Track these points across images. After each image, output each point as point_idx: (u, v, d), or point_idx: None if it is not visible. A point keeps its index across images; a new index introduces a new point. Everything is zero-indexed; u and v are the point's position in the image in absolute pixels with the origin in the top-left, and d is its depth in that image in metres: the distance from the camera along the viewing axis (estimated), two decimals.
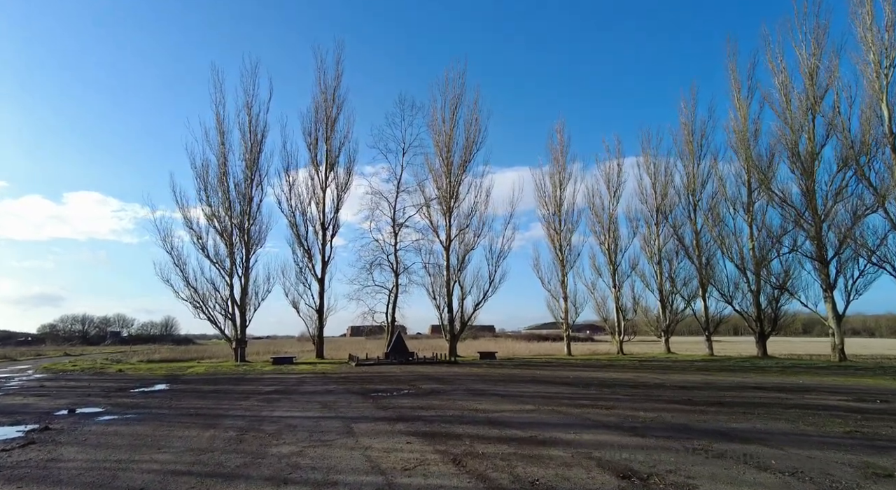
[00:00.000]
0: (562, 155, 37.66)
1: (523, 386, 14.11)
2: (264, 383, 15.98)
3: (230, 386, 15.32)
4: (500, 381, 15.76)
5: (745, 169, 31.17)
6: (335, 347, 48.00)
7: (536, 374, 18.72)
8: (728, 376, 17.42)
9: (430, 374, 18.44)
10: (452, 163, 33.46)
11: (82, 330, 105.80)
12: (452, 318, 32.64)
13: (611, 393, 12.31)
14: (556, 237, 36.78)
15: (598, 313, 38.70)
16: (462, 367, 22.54)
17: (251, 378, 18.17)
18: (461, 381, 15.47)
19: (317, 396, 12.15)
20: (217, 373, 21.05)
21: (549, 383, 14.89)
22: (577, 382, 15.13)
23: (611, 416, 8.70)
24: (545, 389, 13.11)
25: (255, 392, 13.41)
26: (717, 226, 32.20)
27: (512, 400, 10.89)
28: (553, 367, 23.05)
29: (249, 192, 30.45)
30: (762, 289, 30.66)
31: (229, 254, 29.15)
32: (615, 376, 17.47)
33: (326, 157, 31.76)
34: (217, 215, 28.93)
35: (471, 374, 18.76)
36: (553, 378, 16.77)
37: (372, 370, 21.28)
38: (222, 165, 29.75)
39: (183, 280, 28.08)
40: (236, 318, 29.31)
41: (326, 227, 31.50)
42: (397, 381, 15.75)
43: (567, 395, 11.75)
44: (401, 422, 8.26)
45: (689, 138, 35.97)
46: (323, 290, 31.24)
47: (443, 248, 33.24)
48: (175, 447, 6.55)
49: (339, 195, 31.71)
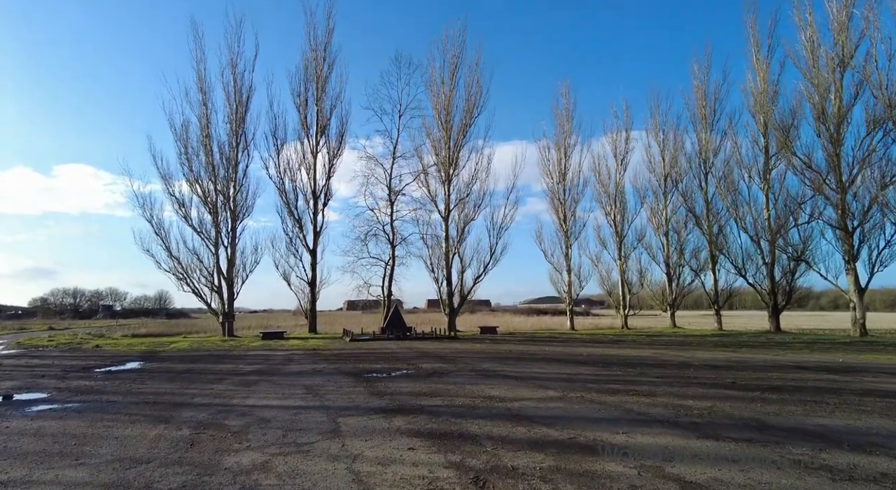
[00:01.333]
0: (567, 120, 35.63)
1: (536, 365, 12.59)
2: (247, 361, 14.42)
3: (208, 364, 13.75)
4: (508, 359, 14.24)
5: (763, 133, 29.35)
6: (330, 321, 46.61)
7: (546, 350, 17.24)
8: (755, 353, 15.98)
9: (430, 351, 16.93)
10: (452, 127, 31.43)
11: (74, 303, 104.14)
12: (452, 291, 31.13)
13: (638, 374, 10.79)
14: (560, 207, 35.02)
15: (603, 287, 37.32)
16: (463, 343, 21.07)
17: (234, 355, 16.62)
18: (466, 360, 13.95)
19: (302, 378, 10.57)
20: (200, 349, 19.51)
21: (564, 362, 13.38)
22: (594, 361, 13.63)
23: (655, 405, 7.14)
24: (563, 370, 11.57)
25: (234, 372, 11.84)
26: (731, 194, 30.49)
27: (529, 384, 9.33)
28: (560, 342, 21.62)
29: (235, 156, 28.43)
30: (777, 260, 29.21)
31: (214, 223, 27.32)
32: (632, 353, 16.01)
33: (317, 120, 29.66)
34: (200, 181, 26.97)
35: (474, 350, 17.27)
36: (566, 356, 15.28)
37: (367, 346, 19.79)
38: (205, 127, 27.64)
39: (165, 250, 26.32)
40: (223, 290, 27.68)
41: (318, 196, 29.61)
42: (394, 360, 14.21)
43: (590, 378, 10.20)
44: (400, 415, 6.67)
45: (702, 102, 33.95)
46: (315, 262, 29.55)
47: (441, 218, 31.52)
48: (100, 456, 4.93)
49: (331, 161, 29.72)
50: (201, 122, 27.62)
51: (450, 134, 31.27)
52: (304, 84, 29.44)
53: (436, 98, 31.88)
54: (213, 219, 27.31)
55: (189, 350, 19.09)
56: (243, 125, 28.71)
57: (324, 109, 29.68)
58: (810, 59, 25.29)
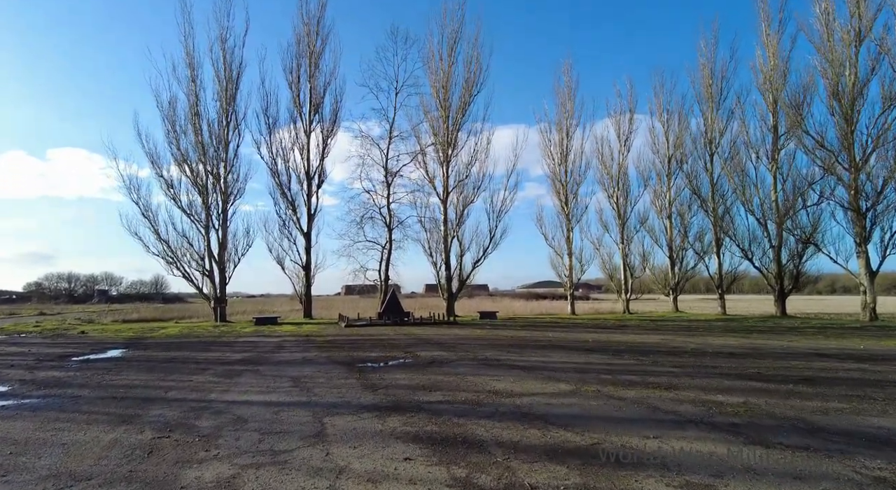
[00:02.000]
0: (569, 98, 34.46)
1: (542, 353, 11.83)
2: (236, 349, 13.65)
3: (194, 352, 12.97)
4: (511, 346, 13.49)
5: (772, 112, 28.32)
6: (326, 306, 45.94)
7: (549, 336, 16.51)
8: (768, 339, 15.26)
9: (428, 338, 16.18)
10: (451, 106, 30.34)
11: (69, 288, 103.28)
12: (450, 275, 30.36)
13: (652, 363, 10.04)
14: (562, 190, 34.06)
15: (604, 271, 36.60)
16: (463, 329, 20.34)
17: (223, 342, 15.85)
18: (466, 347, 13.19)
19: (291, 368, 9.79)
20: (189, 335, 18.74)
21: (571, 349, 12.64)
22: (603, 348, 12.89)
23: (681, 401, 6.38)
24: (571, 359, 10.82)
25: (219, 361, 11.06)
26: (738, 175, 29.56)
27: (537, 375, 8.56)
28: (563, 328, 20.91)
29: (225, 135, 27.38)
30: (784, 243, 28.46)
31: (204, 204, 26.37)
32: (640, 339, 15.28)
33: (310, 98, 28.53)
34: (188, 161, 25.95)
35: (475, 337, 16.53)
36: (571, 342, 14.54)
37: (363, 332, 19.04)
38: (193, 105, 26.53)
39: (154, 233, 25.38)
40: (215, 275, 26.85)
41: (312, 177, 28.63)
42: (391, 347, 13.45)
43: (603, 367, 9.44)
44: (395, 414, 5.88)
45: (709, 81, 32.80)
46: (309, 245, 28.70)
47: (440, 201, 30.58)
48: (33, 470, 4.12)
49: (325, 140, 28.66)
50: (189, 99, 26.55)
51: (448, 113, 30.21)
52: (297, 60, 28.31)
53: (434, 75, 30.73)
54: (204, 200, 26.37)
55: (177, 336, 18.32)
56: (234, 103, 27.66)
57: (317, 87, 28.58)
58: (824, 32, 24.21)
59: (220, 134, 27.07)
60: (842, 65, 23.50)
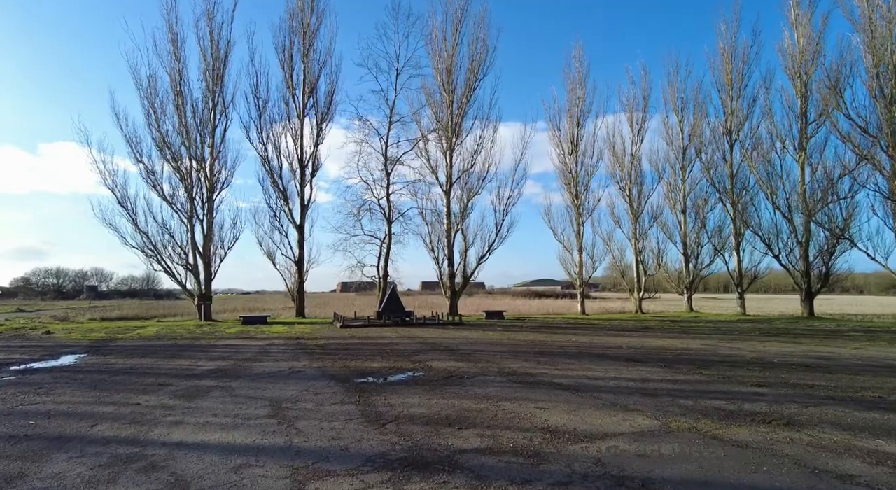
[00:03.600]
0: (580, 84, 32.40)
1: (578, 364, 9.80)
2: (212, 355, 11.57)
3: (160, 360, 10.87)
4: (537, 354, 11.45)
5: (801, 98, 26.41)
6: (321, 304, 43.84)
7: (574, 341, 14.48)
8: (826, 345, 13.30)
9: (436, 342, 14.13)
10: (455, 90, 28.29)
11: (56, 284, 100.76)
12: (453, 272, 28.35)
13: (723, 379, 8.04)
14: (572, 182, 32.04)
15: (615, 268, 34.60)
16: (472, 331, 18.30)
17: (200, 346, 13.75)
18: (485, 355, 11.16)
19: (272, 385, 7.73)
20: (165, 336, 16.63)
21: (609, 358, 10.61)
22: (646, 356, 10.88)
23: (834, 452, 4.36)
24: (620, 372, 8.79)
25: (186, 373, 8.99)
26: (764, 165, 27.61)
27: (594, 399, 6.53)
28: (582, 330, 18.91)
29: (212, 119, 25.22)
30: (811, 239, 26.55)
31: (188, 193, 24.21)
32: (680, 345, 13.28)
33: (304, 79, 26.37)
34: (170, 145, 23.76)
35: (490, 341, 14.49)
36: (602, 348, 12.53)
37: (360, 334, 16.97)
38: (176, 84, 24.33)
39: (131, 223, 23.19)
40: (199, 269, 24.71)
41: (305, 164, 26.49)
42: (395, 354, 11.39)
43: (670, 387, 7.43)
44: (417, 475, 3.83)
45: (729, 67, 30.83)
46: (302, 238, 26.56)
47: (443, 192, 28.57)
48: None
49: (320, 125, 26.52)
50: (172, 77, 24.34)
51: (452, 97, 28.16)
52: (290, 37, 26.11)
53: (437, 57, 28.66)
54: (187, 188, 24.21)
55: (152, 338, 16.21)
56: (221, 84, 25.48)
57: (312, 67, 26.42)
58: (865, 9, 22.24)
59: (205, 117, 24.91)
60: (885, 43, 21.55)
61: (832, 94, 22.55)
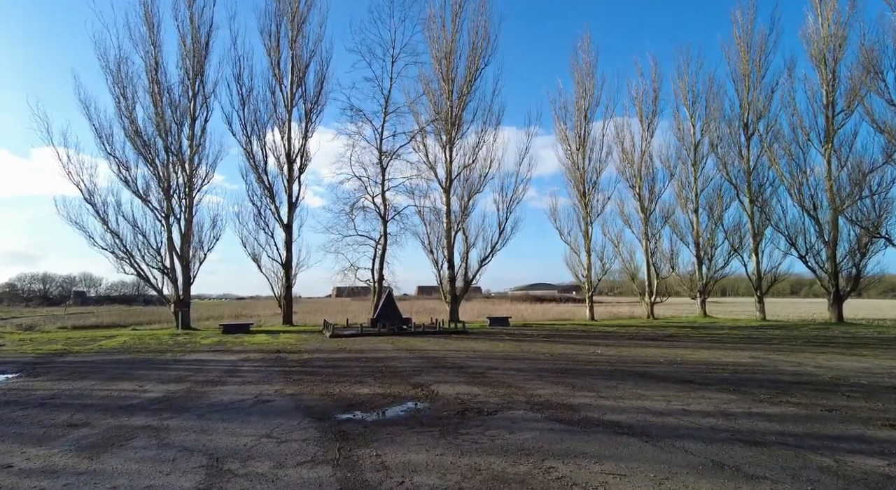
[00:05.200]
0: (588, 75, 30.52)
1: (626, 388, 7.73)
2: (168, 375, 9.46)
3: (98, 383, 8.74)
4: (564, 373, 9.38)
5: (826, 87, 24.60)
6: (314, 310, 41.63)
7: (603, 354, 12.42)
8: (886, 357, 11.36)
9: (439, 356, 12.06)
10: (454, 80, 26.36)
11: (43, 289, 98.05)
12: (454, 275, 26.32)
13: (828, 412, 6.04)
14: (580, 179, 30.08)
15: (625, 270, 32.61)
16: (478, 341, 16.22)
17: (161, 361, 11.63)
18: (502, 375, 9.09)
19: (222, 426, 5.65)
20: (129, 349, 14.49)
21: (659, 379, 8.56)
22: (701, 376, 8.84)
23: None
24: (689, 402, 6.74)
25: (119, 404, 6.90)
26: (790, 158, 25.74)
27: (683, 454, 4.49)
28: (600, 339, 16.89)
29: (192, 109, 23.14)
30: (839, 239, 24.69)
31: (164, 189, 22.08)
32: (727, 359, 11.27)
33: (292, 66, 24.33)
34: (143, 135, 21.64)
35: (502, 355, 12.41)
36: (640, 363, 10.49)
37: (352, 345, 14.87)
38: (152, 70, 22.22)
39: (101, 221, 21.00)
40: (177, 272, 22.55)
41: (293, 159, 24.42)
42: (391, 374, 9.31)
43: (778, 430, 5.38)
44: None
45: (745, 57, 29.03)
46: (290, 239, 24.47)
47: (442, 189, 26.61)
48: None
49: (309, 116, 24.48)
50: (147, 63, 22.21)
51: (452, 87, 26.23)
52: (276, 21, 24.07)
53: (435, 44, 26.76)
54: (162, 184, 22.07)
55: (112, 350, 14.08)
56: (202, 71, 23.38)
57: (300, 53, 24.38)
58: None
59: (184, 106, 22.82)
60: None
61: (868, 76, 20.68)
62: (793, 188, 25.52)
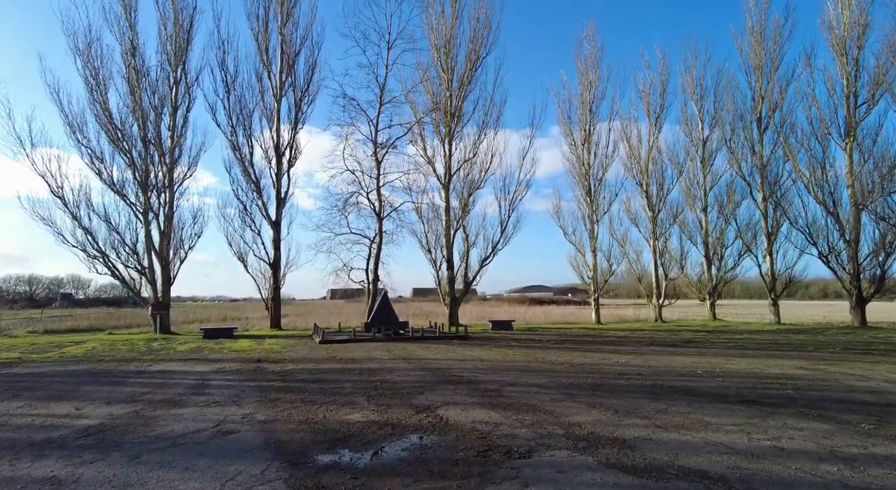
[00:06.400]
0: (593, 67, 29.07)
1: (681, 414, 6.19)
2: (119, 392, 7.86)
3: (29, 403, 7.12)
4: (597, 390, 7.84)
5: (847, 77, 23.28)
6: (306, 312, 39.98)
7: (627, 365, 10.91)
8: None
9: (443, 367, 10.49)
10: (454, 69, 24.86)
11: (29, 291, 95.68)
12: (453, 276, 24.78)
13: None
14: (585, 176, 28.62)
15: (632, 272, 31.15)
16: (485, 349, 14.65)
17: (120, 373, 10.01)
18: (524, 395, 7.53)
19: (154, 482, 4.07)
20: (92, 357, 12.84)
21: (712, 397, 7.04)
22: (760, 394, 7.33)
23: None
24: (772, 433, 5.22)
25: (35, 437, 5.31)
26: (806, 154, 24.40)
27: None
28: (617, 345, 15.38)
29: (173, 98, 21.54)
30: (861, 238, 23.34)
31: (141, 182, 20.44)
32: (773, 370, 9.78)
33: (281, 51, 22.74)
34: (116, 122, 20.00)
35: (517, 366, 10.85)
36: (679, 377, 8.97)
37: (343, 353, 13.27)
38: (128, 55, 20.60)
39: (70, 217, 19.33)
40: (156, 272, 20.89)
41: (282, 151, 22.83)
42: (388, 392, 7.74)
43: None
44: None
45: (758, 47, 27.71)
46: (279, 237, 22.85)
47: (441, 185, 25.07)
48: None
49: (299, 104, 22.89)
50: (123, 46, 20.59)
51: (451, 77, 24.71)
52: (264, 3, 22.45)
53: (433, 32, 25.26)
54: (139, 177, 20.43)
55: (74, 359, 12.44)
56: (185, 58, 21.79)
57: (290, 38, 22.79)
58: None
59: (164, 94, 21.22)
60: None
61: None
62: (811, 184, 24.16)
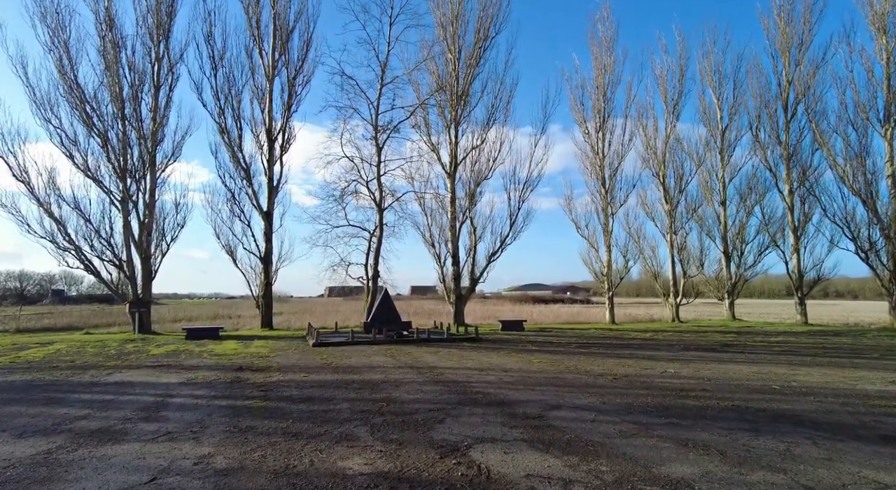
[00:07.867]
0: (608, 51, 27.19)
1: (806, 450, 4.38)
2: (49, 417, 6.02)
3: None
4: (675, 417, 6.01)
5: (889, 56, 21.50)
6: (301, 311, 38.18)
7: (681, 376, 9.10)
8: None
9: (463, 382, 8.66)
10: (461, 49, 23.03)
11: (19, 288, 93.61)
12: (459, 272, 23.01)
13: None
14: (599, 166, 26.82)
15: (647, 268, 29.37)
16: (502, 354, 12.83)
17: (69, 386, 8.18)
18: (584, 426, 5.70)
19: None
20: (48, 363, 11.03)
21: (835, 429, 5.27)
22: (878, 422, 5.57)
23: None
24: None
25: None
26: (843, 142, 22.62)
27: None
28: (648, 349, 13.58)
29: (155, 76, 19.68)
30: None
31: (117, 168, 18.58)
32: (865, 384, 8.00)
33: (274, 26, 20.87)
34: (90, 101, 18.12)
35: (548, 378, 9.02)
36: (752, 393, 7.16)
37: (339, 359, 11.44)
38: (105, 25, 18.71)
39: (36, 203, 17.45)
40: (135, 266, 19.05)
41: (274, 136, 20.98)
42: (397, 421, 5.91)
43: None
44: None
45: (786, 28, 25.91)
46: (270, 229, 21.01)
47: (446, 174, 23.27)
48: None
49: (293, 86, 21.02)
50: (99, 16, 18.70)
51: (458, 57, 22.88)
52: None
53: (439, 9, 23.40)
54: (116, 162, 18.57)
55: (25, 365, 10.63)
56: (167, 33, 19.93)
57: (283, 12, 20.92)
58: None
59: (143, 69, 19.35)
60: None
61: None
62: (847, 175, 22.38)
